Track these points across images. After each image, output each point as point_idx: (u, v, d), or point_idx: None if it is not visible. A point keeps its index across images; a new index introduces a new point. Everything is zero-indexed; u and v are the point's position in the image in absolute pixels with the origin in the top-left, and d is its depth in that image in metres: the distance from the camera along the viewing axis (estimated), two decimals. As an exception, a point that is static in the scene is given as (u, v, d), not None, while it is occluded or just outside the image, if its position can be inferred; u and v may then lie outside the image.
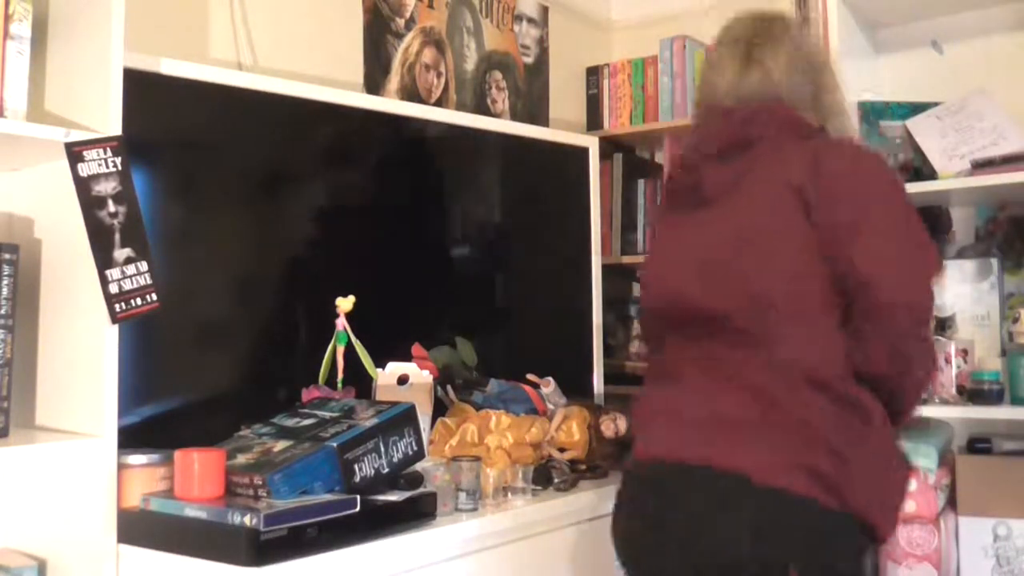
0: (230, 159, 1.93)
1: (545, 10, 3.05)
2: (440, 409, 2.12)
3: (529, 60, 2.99)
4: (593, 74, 3.15)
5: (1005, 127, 2.24)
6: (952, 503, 2.19)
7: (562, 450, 2.12)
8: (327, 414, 1.74)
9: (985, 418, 2.13)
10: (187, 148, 1.86)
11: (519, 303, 2.45)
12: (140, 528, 1.53)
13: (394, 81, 2.52)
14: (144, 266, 1.57)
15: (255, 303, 1.96)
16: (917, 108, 2.38)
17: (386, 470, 1.67)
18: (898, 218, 1.58)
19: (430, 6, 2.64)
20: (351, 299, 1.97)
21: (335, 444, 1.59)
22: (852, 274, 1.53)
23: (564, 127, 2.94)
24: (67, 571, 1.57)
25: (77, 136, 1.53)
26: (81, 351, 1.57)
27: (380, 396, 1.99)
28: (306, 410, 1.79)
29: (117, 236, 1.55)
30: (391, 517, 1.60)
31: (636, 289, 3.27)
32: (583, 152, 2.61)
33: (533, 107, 2.98)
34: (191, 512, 1.48)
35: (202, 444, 1.62)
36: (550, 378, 2.25)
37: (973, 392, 2.12)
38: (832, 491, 1.46)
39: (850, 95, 2.34)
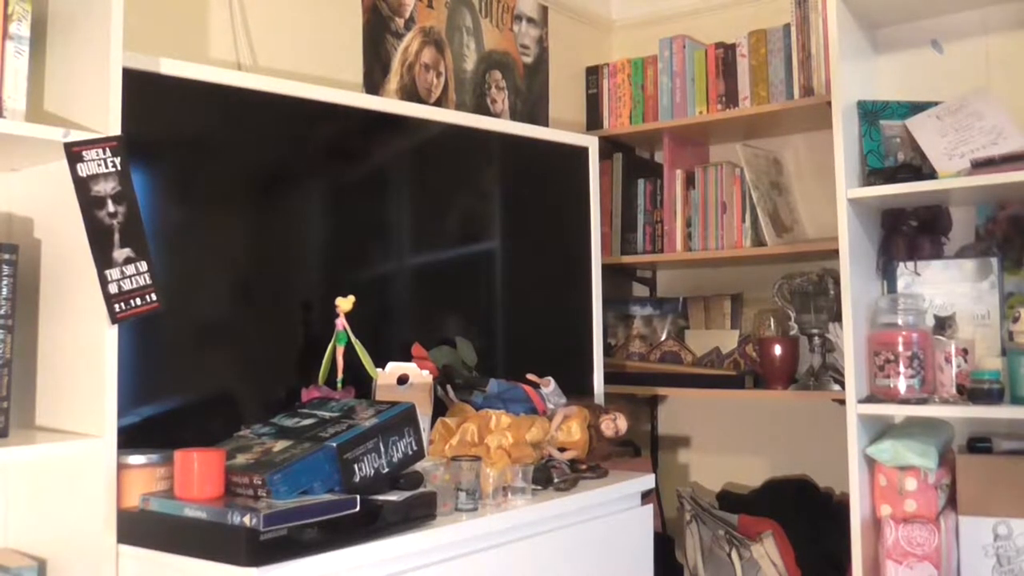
0: (229, 159, 1.93)
1: (545, 10, 3.05)
2: (440, 409, 2.11)
3: (529, 60, 2.98)
4: (593, 74, 3.15)
5: (1005, 126, 2.24)
6: (952, 502, 2.19)
7: (562, 450, 2.12)
8: (327, 414, 1.74)
9: (985, 417, 2.13)
10: (186, 148, 1.86)
11: (519, 303, 2.45)
12: (140, 528, 1.53)
13: (393, 81, 2.52)
14: (144, 266, 1.57)
15: (255, 303, 1.96)
16: (917, 107, 2.38)
17: (386, 470, 1.67)
18: None
19: (429, 6, 2.64)
20: (351, 299, 1.97)
21: (335, 444, 1.59)
22: None
23: (564, 127, 2.94)
24: (67, 571, 1.57)
25: (76, 136, 1.52)
26: (81, 351, 1.57)
27: (380, 396, 1.99)
28: (306, 410, 1.79)
29: (116, 236, 1.55)
30: (391, 517, 1.60)
31: (636, 288, 3.27)
32: (583, 152, 2.61)
33: (533, 107, 2.98)
34: (191, 512, 1.48)
35: (202, 444, 1.62)
36: (550, 378, 2.25)
37: (973, 391, 2.12)
38: None
39: (850, 94, 2.35)
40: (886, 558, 2.14)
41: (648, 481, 2.25)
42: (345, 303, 1.96)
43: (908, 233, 2.43)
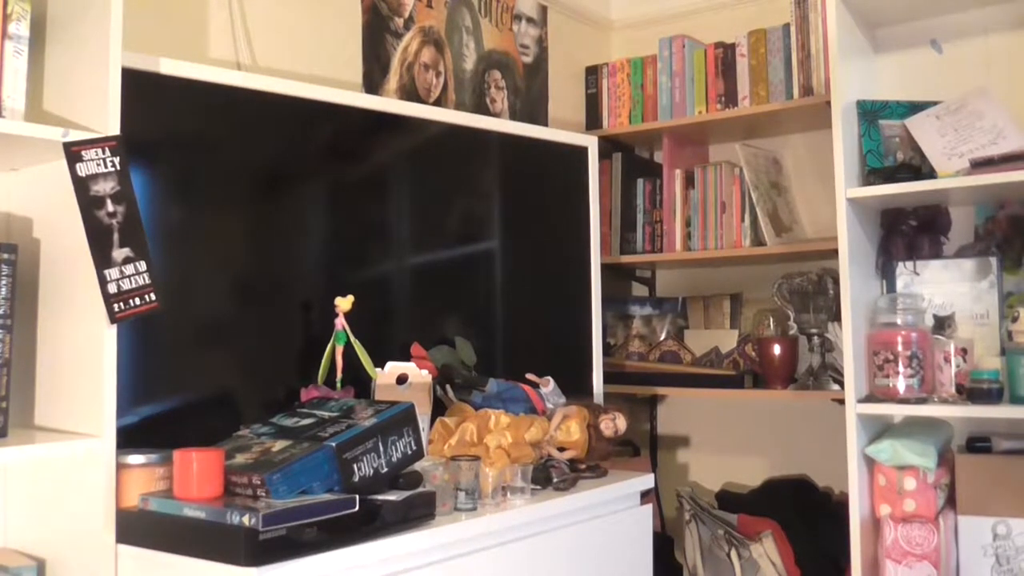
0: (229, 159, 1.93)
1: (544, 9, 3.05)
2: (439, 408, 2.11)
3: (528, 59, 2.98)
4: (592, 73, 3.15)
5: (1004, 126, 2.24)
6: (951, 502, 2.19)
7: (561, 449, 2.12)
8: (326, 414, 1.74)
9: (984, 417, 2.13)
10: (186, 148, 1.86)
11: (519, 303, 2.45)
12: (139, 528, 1.53)
13: (393, 81, 2.52)
14: (143, 266, 1.57)
15: (254, 303, 1.96)
16: (916, 107, 2.38)
17: (385, 470, 1.67)
18: None
19: (429, 5, 2.64)
20: (350, 298, 1.96)
21: (334, 444, 1.59)
22: None
23: (563, 126, 2.94)
24: (66, 571, 1.57)
25: (75, 136, 1.52)
26: (80, 351, 1.57)
27: (379, 395, 1.99)
28: (305, 410, 1.79)
29: (116, 236, 1.55)
30: (390, 517, 1.60)
31: (635, 288, 3.27)
32: (582, 151, 2.61)
33: (532, 106, 2.98)
34: (190, 512, 1.48)
35: (201, 444, 1.62)
36: (549, 377, 2.25)
37: (972, 391, 2.12)
38: None
39: (850, 94, 2.35)
40: (885, 558, 2.14)
41: (647, 481, 2.25)
42: (344, 303, 1.96)
43: (907, 233, 2.43)
